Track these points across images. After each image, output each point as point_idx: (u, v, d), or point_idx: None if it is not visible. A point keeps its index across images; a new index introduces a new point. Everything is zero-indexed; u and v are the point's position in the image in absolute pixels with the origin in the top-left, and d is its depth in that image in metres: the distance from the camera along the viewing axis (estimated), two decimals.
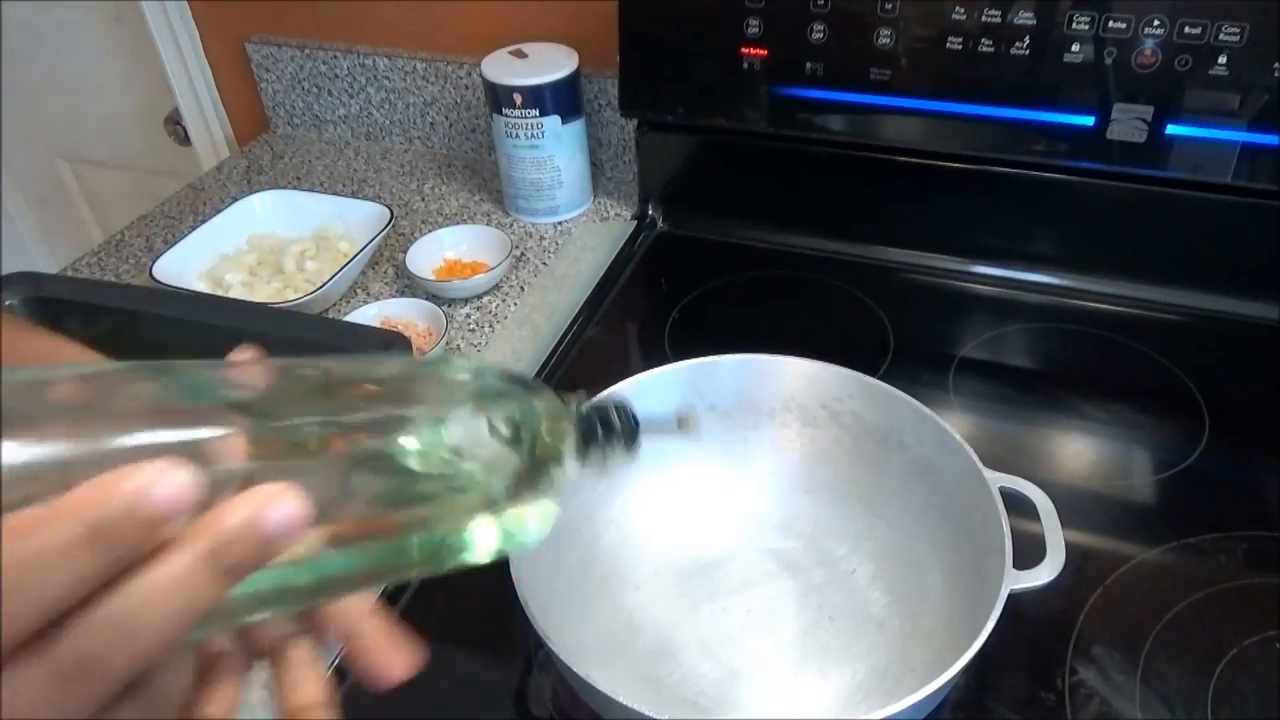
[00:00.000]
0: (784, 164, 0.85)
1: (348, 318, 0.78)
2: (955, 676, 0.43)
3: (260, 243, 0.89)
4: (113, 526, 0.19)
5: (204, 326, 0.69)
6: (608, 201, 0.97)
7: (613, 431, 0.38)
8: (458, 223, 0.93)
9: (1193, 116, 0.69)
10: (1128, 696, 0.51)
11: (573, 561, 0.56)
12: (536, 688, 0.54)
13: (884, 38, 0.74)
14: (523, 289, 0.85)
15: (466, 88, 1.02)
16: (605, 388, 0.57)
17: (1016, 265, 0.81)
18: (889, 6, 0.73)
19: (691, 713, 0.51)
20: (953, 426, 0.54)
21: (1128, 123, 0.70)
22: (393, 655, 0.27)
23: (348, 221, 0.89)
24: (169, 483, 0.19)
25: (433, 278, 0.83)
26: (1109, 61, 0.69)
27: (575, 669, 0.44)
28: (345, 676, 0.55)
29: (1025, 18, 0.70)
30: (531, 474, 0.32)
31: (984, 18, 0.71)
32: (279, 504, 0.21)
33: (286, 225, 0.90)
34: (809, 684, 0.52)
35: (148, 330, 0.76)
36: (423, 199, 1.00)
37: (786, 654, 0.54)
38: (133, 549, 0.19)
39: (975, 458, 0.53)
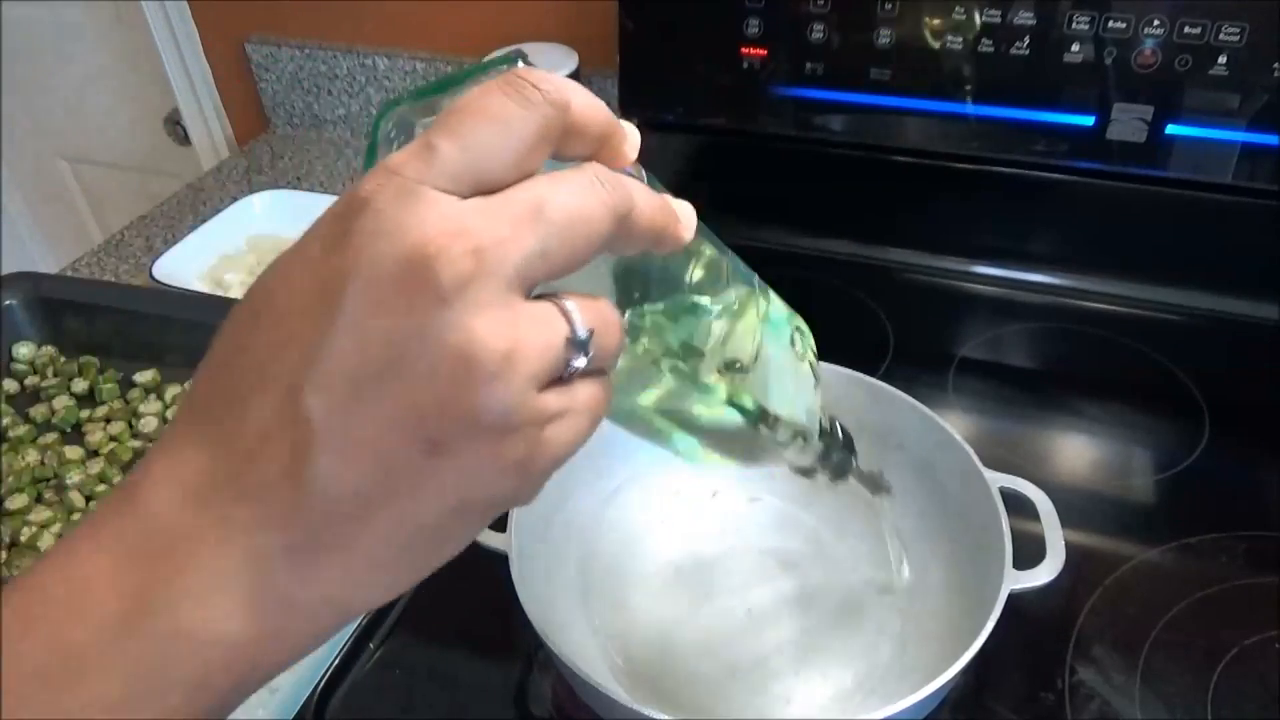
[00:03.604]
0: (784, 164, 0.85)
1: None
2: (955, 676, 0.43)
3: (260, 243, 0.89)
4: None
5: (204, 327, 0.69)
6: None
7: (847, 447, 0.42)
8: None
9: (1193, 116, 0.69)
10: (1128, 696, 0.51)
11: (572, 561, 0.56)
12: (536, 688, 0.54)
13: (884, 38, 0.74)
14: None
15: None
16: None
17: (1016, 265, 0.81)
18: (889, 6, 0.73)
19: (691, 713, 0.51)
20: (953, 426, 0.54)
21: (1128, 123, 0.70)
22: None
23: None
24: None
25: None
26: (1109, 61, 0.69)
27: (575, 669, 0.44)
28: (345, 674, 0.55)
29: (1025, 18, 0.70)
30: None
31: (984, 18, 0.71)
32: (688, 220, 0.28)
33: (286, 225, 0.90)
34: (809, 684, 0.52)
35: (148, 330, 0.76)
36: None
37: (786, 654, 0.54)
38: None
39: (975, 458, 0.53)
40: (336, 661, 0.55)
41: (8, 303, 0.78)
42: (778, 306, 0.34)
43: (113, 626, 0.23)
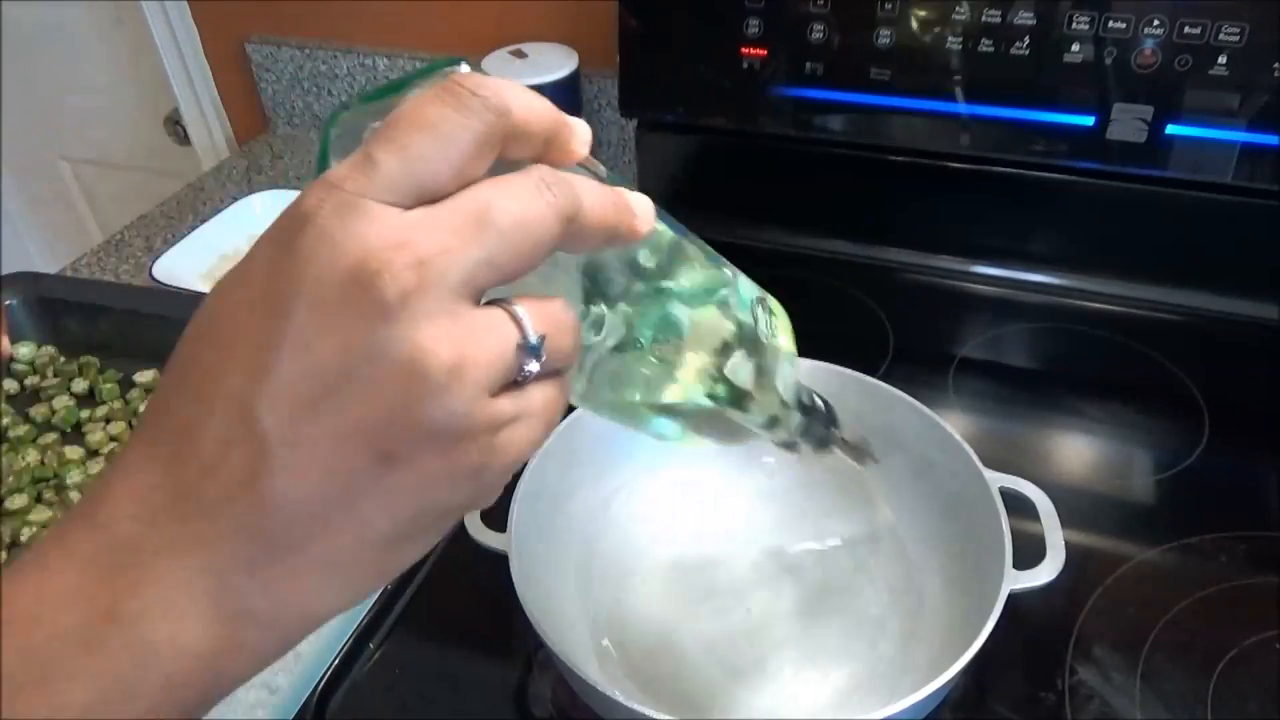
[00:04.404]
0: (784, 164, 0.85)
1: None
2: (955, 676, 0.43)
3: None
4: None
5: None
6: None
7: (828, 419, 0.42)
8: None
9: (1193, 116, 0.69)
10: (1128, 696, 0.51)
11: (573, 561, 0.56)
12: (536, 688, 0.54)
13: (884, 38, 0.74)
14: None
15: None
16: None
17: (1016, 265, 0.81)
18: (889, 6, 0.73)
19: (691, 713, 0.51)
20: (953, 426, 0.54)
21: (1128, 123, 0.70)
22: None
23: None
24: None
25: None
26: (1109, 61, 0.69)
27: (575, 669, 0.44)
28: (345, 674, 0.55)
29: (1025, 18, 0.70)
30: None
31: (984, 18, 0.71)
32: (644, 212, 0.28)
33: None
34: (809, 684, 0.52)
35: (148, 330, 0.76)
36: None
37: (786, 653, 0.54)
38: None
39: (975, 458, 0.53)
40: (336, 661, 0.55)
41: (8, 303, 0.78)
42: (746, 288, 0.34)
43: (79, 638, 0.23)
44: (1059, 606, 0.55)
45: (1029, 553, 0.48)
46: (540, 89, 0.86)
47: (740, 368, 0.33)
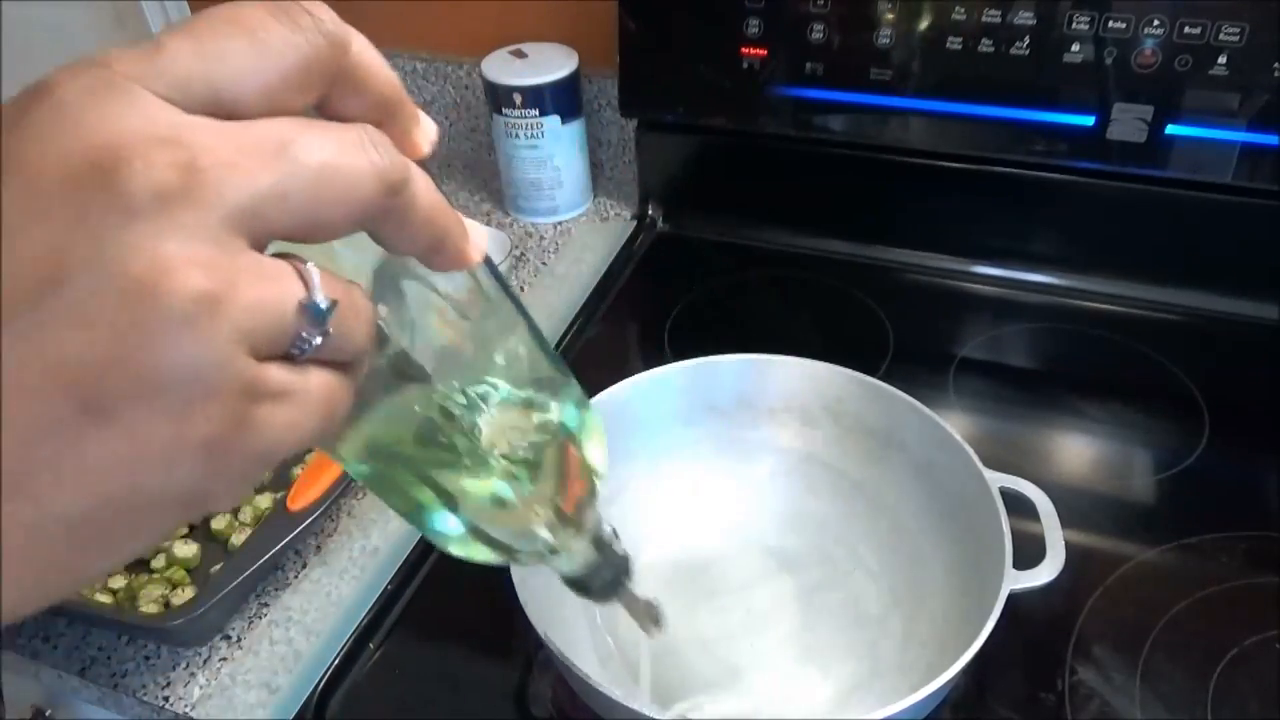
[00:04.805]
0: (784, 164, 0.85)
1: None
2: (955, 676, 0.43)
3: None
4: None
5: None
6: (608, 201, 0.97)
7: (620, 566, 0.40)
8: None
9: (1193, 116, 0.69)
10: (1128, 696, 0.51)
11: None
12: (536, 688, 0.54)
13: (884, 38, 0.74)
14: (523, 289, 0.85)
15: (466, 88, 1.02)
16: (605, 388, 0.57)
17: (1016, 265, 0.81)
18: (889, 6, 0.73)
19: (691, 713, 0.51)
20: (953, 426, 0.54)
21: (1128, 123, 0.70)
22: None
23: None
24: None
25: None
26: (1109, 61, 0.69)
27: (575, 669, 0.44)
28: (345, 674, 0.55)
29: (1025, 18, 0.70)
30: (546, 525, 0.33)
31: (984, 18, 0.71)
32: (477, 240, 0.24)
33: None
34: (809, 683, 0.52)
35: None
36: None
37: (786, 653, 0.54)
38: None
39: (975, 458, 0.53)
40: (336, 661, 0.55)
41: None
42: (576, 389, 0.32)
43: None
44: (1059, 606, 0.55)
45: (1029, 553, 0.48)
46: (540, 89, 0.86)
47: (549, 462, 0.31)
